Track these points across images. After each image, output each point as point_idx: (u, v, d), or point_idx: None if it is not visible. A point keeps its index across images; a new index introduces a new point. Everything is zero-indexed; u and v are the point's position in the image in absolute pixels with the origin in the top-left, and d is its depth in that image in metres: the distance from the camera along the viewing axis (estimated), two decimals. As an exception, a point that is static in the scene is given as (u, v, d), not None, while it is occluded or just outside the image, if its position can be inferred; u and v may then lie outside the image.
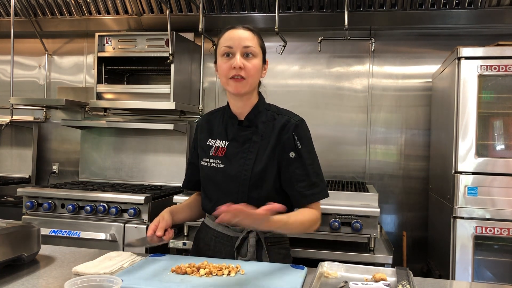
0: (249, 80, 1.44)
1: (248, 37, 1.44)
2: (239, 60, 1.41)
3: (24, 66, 3.68)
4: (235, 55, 1.42)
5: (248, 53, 1.43)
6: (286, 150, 1.47)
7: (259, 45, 1.47)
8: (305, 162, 1.47)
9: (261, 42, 1.49)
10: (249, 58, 1.43)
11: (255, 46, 1.44)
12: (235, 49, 1.41)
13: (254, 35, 1.46)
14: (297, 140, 1.47)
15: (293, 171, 1.47)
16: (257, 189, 1.47)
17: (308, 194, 1.47)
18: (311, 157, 1.49)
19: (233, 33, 1.44)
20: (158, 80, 3.42)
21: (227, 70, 1.43)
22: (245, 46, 1.42)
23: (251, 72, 1.43)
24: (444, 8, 2.85)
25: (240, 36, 1.43)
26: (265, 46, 1.52)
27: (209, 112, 1.69)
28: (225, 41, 1.44)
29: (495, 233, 2.23)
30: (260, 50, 1.47)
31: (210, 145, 1.56)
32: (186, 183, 1.71)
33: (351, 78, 3.17)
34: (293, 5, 2.99)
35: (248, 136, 1.50)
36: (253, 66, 1.43)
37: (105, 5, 3.23)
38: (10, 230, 1.35)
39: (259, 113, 1.52)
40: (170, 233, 1.45)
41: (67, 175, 3.58)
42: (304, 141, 1.49)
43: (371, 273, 1.32)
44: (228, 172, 1.49)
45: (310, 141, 1.52)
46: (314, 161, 1.50)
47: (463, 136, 2.27)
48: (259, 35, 1.49)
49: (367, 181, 3.10)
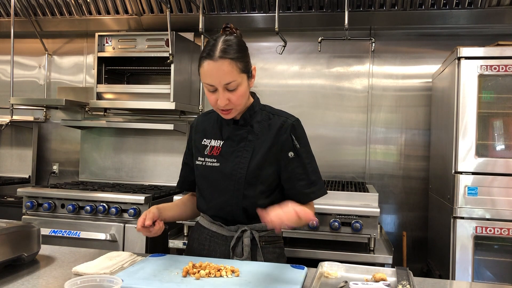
0: (237, 108, 1.45)
1: (226, 71, 1.36)
2: (222, 100, 1.39)
3: (24, 66, 3.68)
4: (218, 91, 1.39)
5: (230, 88, 1.39)
6: (284, 150, 1.49)
7: (241, 71, 1.39)
8: (304, 161, 1.49)
9: (242, 65, 1.39)
10: (232, 91, 1.40)
11: (235, 77, 1.38)
12: (217, 86, 1.39)
13: (233, 64, 1.37)
14: (295, 140, 1.49)
15: (293, 170, 1.49)
16: (252, 187, 1.48)
17: (308, 192, 1.49)
18: (309, 156, 1.52)
19: (211, 70, 1.37)
20: (158, 80, 3.42)
21: (213, 102, 1.43)
22: (226, 83, 1.38)
23: (237, 102, 1.42)
24: (444, 8, 2.85)
25: (218, 73, 1.37)
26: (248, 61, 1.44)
27: (204, 113, 1.69)
28: (205, 77, 1.40)
29: (495, 233, 2.23)
30: (242, 76, 1.40)
31: (205, 145, 1.57)
32: (181, 184, 1.71)
33: (351, 78, 3.17)
34: (293, 5, 2.99)
35: (244, 135, 1.51)
36: (238, 97, 1.41)
37: (105, 5, 3.23)
38: (10, 230, 1.35)
39: (255, 113, 1.53)
40: (160, 224, 1.45)
41: (67, 175, 3.58)
42: (302, 141, 1.51)
43: (371, 273, 1.32)
44: (223, 171, 1.50)
45: (307, 140, 1.54)
46: (312, 159, 1.53)
47: (463, 136, 2.27)
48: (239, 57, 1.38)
49: (367, 181, 3.10)
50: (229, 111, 1.44)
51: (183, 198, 1.73)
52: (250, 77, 1.46)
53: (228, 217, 1.52)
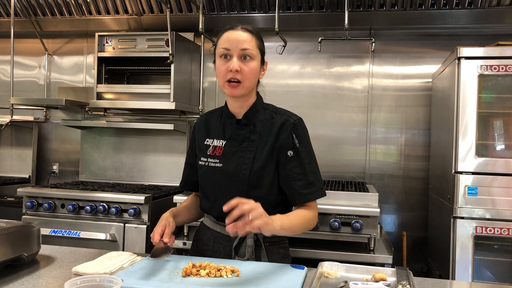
0: (245, 84, 1.44)
1: (246, 39, 1.43)
2: (236, 64, 1.41)
3: (24, 66, 3.68)
4: (233, 57, 1.42)
5: (246, 56, 1.42)
6: (284, 148, 1.48)
7: (258, 47, 1.46)
8: (303, 161, 1.48)
9: (259, 44, 1.48)
10: (246, 60, 1.43)
11: (252, 48, 1.44)
12: (233, 51, 1.41)
13: (253, 37, 1.45)
14: (295, 138, 1.48)
15: (291, 169, 1.47)
16: (256, 188, 1.47)
17: (305, 192, 1.47)
18: (309, 156, 1.50)
19: (231, 35, 1.44)
20: (158, 80, 3.42)
21: (224, 72, 1.43)
22: (243, 48, 1.41)
23: (248, 75, 1.43)
24: (444, 8, 2.85)
25: (238, 38, 1.42)
26: (264, 47, 1.52)
27: (207, 113, 1.69)
28: (223, 43, 1.44)
29: (495, 233, 2.23)
30: (258, 52, 1.47)
31: (207, 145, 1.56)
32: (184, 184, 1.71)
33: (351, 78, 3.17)
34: (293, 5, 2.99)
35: (246, 135, 1.51)
36: (250, 69, 1.43)
37: (105, 5, 3.23)
38: (10, 230, 1.35)
39: (257, 112, 1.53)
40: (172, 239, 1.43)
41: (67, 175, 3.58)
42: (303, 140, 1.49)
43: (371, 273, 1.32)
44: (226, 171, 1.49)
45: (308, 140, 1.53)
46: (312, 160, 1.51)
47: (463, 136, 2.27)
48: (258, 36, 1.48)
49: (367, 181, 3.10)
50: (237, 84, 1.43)
51: (188, 200, 1.72)
52: (263, 63, 1.51)
53: None
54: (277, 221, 1.30)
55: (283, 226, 1.33)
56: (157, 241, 1.39)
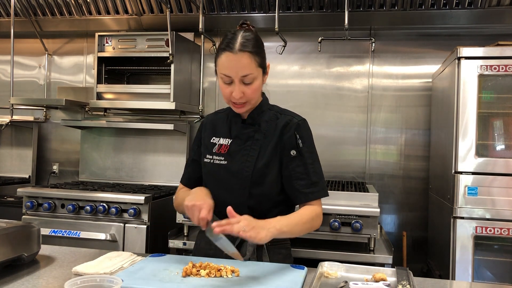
0: (250, 102, 1.47)
1: (245, 63, 1.39)
2: (238, 92, 1.41)
3: (24, 66, 3.68)
4: (234, 82, 1.41)
5: (247, 80, 1.41)
6: (287, 148, 1.49)
7: (258, 66, 1.42)
8: (306, 161, 1.49)
9: (260, 60, 1.43)
10: (248, 84, 1.42)
11: (253, 71, 1.40)
12: (234, 78, 1.40)
13: (252, 57, 1.39)
14: (299, 139, 1.49)
15: (293, 169, 1.48)
16: (259, 186, 1.48)
17: (307, 192, 1.48)
18: (312, 157, 1.51)
19: (230, 61, 1.39)
20: (158, 80, 3.42)
21: (227, 94, 1.44)
22: (243, 75, 1.40)
23: (251, 96, 1.44)
24: (444, 8, 2.85)
25: (237, 64, 1.39)
26: (264, 57, 1.47)
27: (215, 112, 1.70)
28: (222, 68, 1.41)
29: (495, 233, 2.23)
30: (259, 70, 1.44)
31: (213, 143, 1.58)
32: (187, 180, 1.69)
33: (351, 78, 3.17)
34: (293, 5, 2.99)
35: (251, 134, 1.52)
36: (253, 90, 1.43)
37: (105, 5, 3.23)
38: (10, 230, 1.35)
39: (263, 113, 1.55)
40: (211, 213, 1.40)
41: (67, 175, 3.58)
42: (306, 140, 1.51)
43: (371, 273, 1.32)
44: (230, 169, 1.50)
45: (312, 141, 1.54)
46: (315, 160, 1.52)
47: (463, 136, 2.27)
48: (257, 51, 1.41)
49: (367, 181, 3.10)
50: (243, 105, 1.46)
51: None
52: (265, 73, 1.49)
53: None
54: (274, 225, 1.31)
55: (282, 229, 1.33)
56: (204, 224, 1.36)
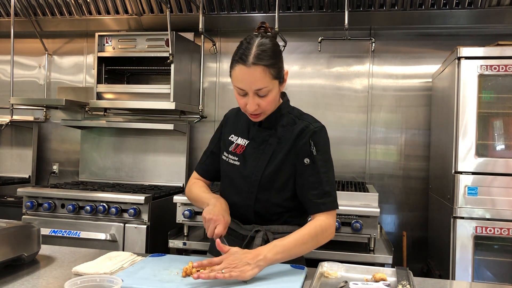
0: (266, 112, 1.44)
1: (259, 77, 1.34)
2: (252, 105, 1.37)
3: (24, 66, 3.68)
4: (248, 95, 1.38)
5: (261, 93, 1.37)
6: (301, 155, 1.45)
7: (273, 78, 1.37)
8: (319, 170, 1.44)
9: (275, 72, 1.37)
10: (262, 97, 1.38)
11: (267, 84, 1.35)
12: (248, 91, 1.37)
13: (266, 70, 1.34)
14: (313, 146, 1.44)
15: (306, 178, 1.44)
16: (266, 191, 1.46)
17: (319, 203, 1.43)
18: (326, 166, 1.46)
19: (244, 74, 1.34)
20: (158, 80, 3.42)
21: (243, 106, 1.41)
22: (257, 89, 1.36)
23: (267, 107, 1.41)
24: (444, 8, 2.84)
25: (250, 78, 1.34)
26: (281, 67, 1.41)
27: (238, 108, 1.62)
28: (236, 81, 1.38)
29: (495, 233, 2.23)
30: (274, 81, 1.38)
31: (231, 141, 1.56)
32: (203, 172, 1.66)
33: (351, 78, 3.17)
34: (293, 5, 2.99)
35: (266, 138, 1.50)
36: (268, 103, 1.39)
37: (105, 5, 3.23)
38: (10, 230, 1.35)
39: (281, 116, 1.50)
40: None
41: (67, 175, 3.58)
42: (321, 149, 1.45)
43: (371, 273, 1.33)
44: (242, 171, 1.50)
45: (328, 149, 1.49)
46: (329, 170, 1.47)
47: (463, 136, 2.27)
48: (273, 64, 1.35)
49: (367, 181, 3.10)
50: (258, 115, 1.43)
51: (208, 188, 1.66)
52: (281, 83, 1.44)
53: (242, 217, 1.52)
54: (265, 255, 1.26)
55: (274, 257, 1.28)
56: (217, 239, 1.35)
